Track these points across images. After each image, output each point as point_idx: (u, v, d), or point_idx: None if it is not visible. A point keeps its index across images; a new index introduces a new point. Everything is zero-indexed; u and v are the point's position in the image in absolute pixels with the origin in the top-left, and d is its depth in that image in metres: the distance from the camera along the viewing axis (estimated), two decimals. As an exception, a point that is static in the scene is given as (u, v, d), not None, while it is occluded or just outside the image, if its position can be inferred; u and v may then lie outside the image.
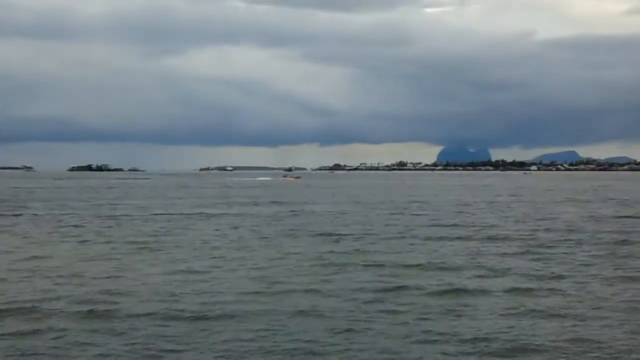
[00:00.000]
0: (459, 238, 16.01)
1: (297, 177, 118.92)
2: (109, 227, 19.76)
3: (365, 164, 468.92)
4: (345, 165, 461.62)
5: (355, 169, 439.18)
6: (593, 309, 8.09)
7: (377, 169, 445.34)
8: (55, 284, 10.10)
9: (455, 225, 20.04)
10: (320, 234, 16.83)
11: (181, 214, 21.01)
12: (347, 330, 7.30)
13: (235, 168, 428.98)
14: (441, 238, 16.41)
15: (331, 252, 13.26)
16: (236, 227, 19.77)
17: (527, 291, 9.29)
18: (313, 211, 25.37)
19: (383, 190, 53.17)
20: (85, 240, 15.88)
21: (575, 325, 7.28)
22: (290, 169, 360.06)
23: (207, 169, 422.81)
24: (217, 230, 18.97)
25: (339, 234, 16.45)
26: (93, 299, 9.17)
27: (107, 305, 8.86)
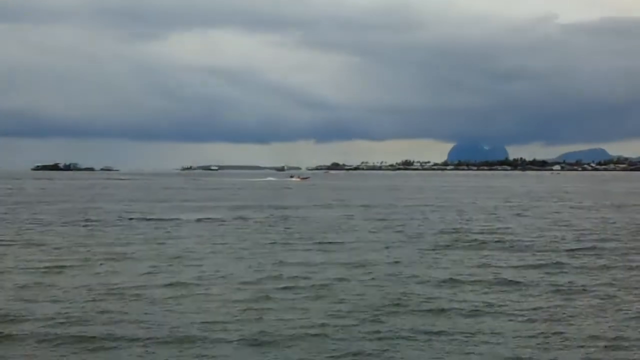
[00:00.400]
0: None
1: (306, 178, 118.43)
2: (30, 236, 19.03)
3: (366, 162, 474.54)
4: (344, 165, 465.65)
5: (356, 168, 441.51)
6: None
7: (379, 168, 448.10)
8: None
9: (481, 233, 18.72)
10: (320, 242, 16.82)
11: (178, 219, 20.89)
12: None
13: (221, 167, 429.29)
14: (459, 247, 16.33)
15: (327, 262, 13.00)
16: (223, 235, 19.39)
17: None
18: (307, 216, 25.77)
19: (386, 192, 53.48)
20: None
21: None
22: (282, 168, 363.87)
23: (190, 168, 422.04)
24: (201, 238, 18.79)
25: (339, 242, 16.60)
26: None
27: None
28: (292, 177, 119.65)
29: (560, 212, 27.06)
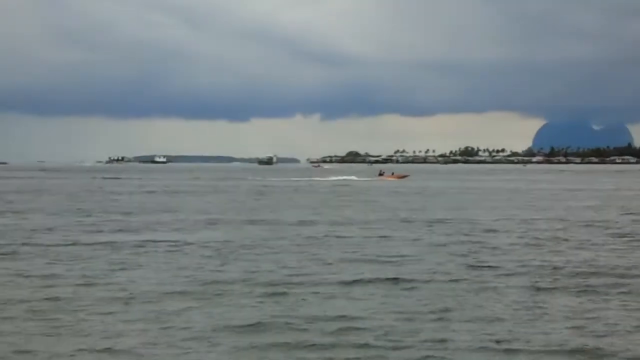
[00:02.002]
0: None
1: (403, 176, 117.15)
2: None
3: (403, 152, 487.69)
4: (367, 155, 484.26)
5: (386, 160, 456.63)
6: None
7: (423, 160, 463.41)
8: None
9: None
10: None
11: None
12: None
13: (170, 158, 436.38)
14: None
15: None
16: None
17: None
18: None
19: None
20: None
21: None
22: (270, 161, 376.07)
23: (121, 159, 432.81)
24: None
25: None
26: None
27: None
28: (381, 174, 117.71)
29: None
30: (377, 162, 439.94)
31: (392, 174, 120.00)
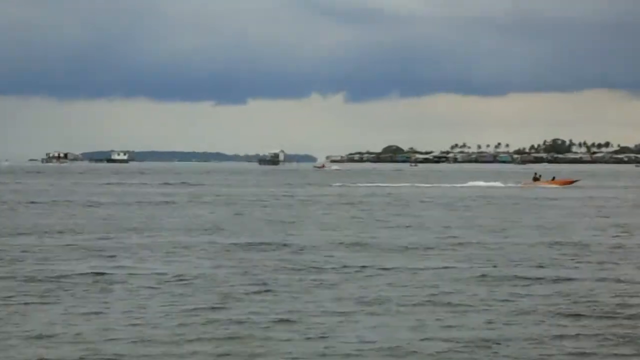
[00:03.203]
0: None
1: (570, 182, 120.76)
2: None
3: (463, 147, 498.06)
4: (412, 151, 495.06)
5: (439, 158, 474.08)
6: None
7: (493, 159, 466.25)
8: None
9: None
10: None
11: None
12: None
13: (132, 156, 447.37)
14: None
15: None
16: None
17: None
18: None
19: None
20: None
21: None
22: (274, 159, 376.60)
23: (62, 157, 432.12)
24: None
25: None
26: None
27: None
28: (536, 178, 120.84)
29: None
30: (425, 160, 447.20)
31: (553, 178, 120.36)
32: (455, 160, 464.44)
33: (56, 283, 26.19)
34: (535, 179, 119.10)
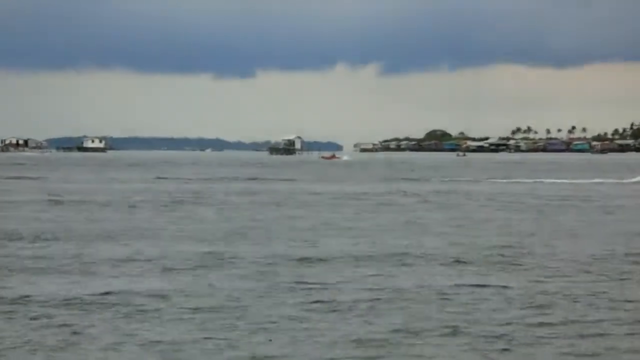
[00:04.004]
0: None
1: None
2: None
3: (528, 132, 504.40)
4: (462, 137, 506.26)
5: (497, 146, 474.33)
6: None
7: (566, 147, 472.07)
8: None
9: None
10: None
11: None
12: None
13: (111, 143, 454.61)
14: None
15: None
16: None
17: None
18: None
19: None
20: None
21: None
22: (289, 147, 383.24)
23: (21, 144, 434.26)
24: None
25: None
26: None
27: None
28: None
29: None
30: (479, 149, 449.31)
31: None
32: (517, 149, 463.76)
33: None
34: None
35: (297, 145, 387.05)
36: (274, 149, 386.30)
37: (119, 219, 55.31)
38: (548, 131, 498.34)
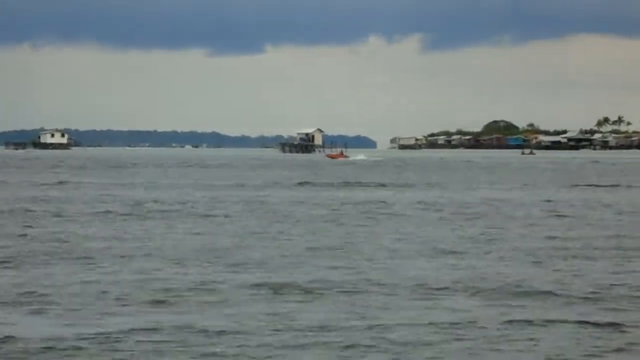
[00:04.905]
0: None
1: None
2: None
3: (618, 123, 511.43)
4: (535, 131, 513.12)
5: (578, 142, 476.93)
6: None
7: None
8: None
9: None
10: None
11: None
12: None
13: (75, 139, 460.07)
14: None
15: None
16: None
17: None
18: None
19: None
20: None
21: None
22: (305, 142, 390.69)
23: None
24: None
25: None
26: None
27: None
28: None
29: None
30: (554, 145, 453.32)
31: None
32: (604, 145, 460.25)
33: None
34: None
35: (318, 141, 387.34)
36: (288, 145, 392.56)
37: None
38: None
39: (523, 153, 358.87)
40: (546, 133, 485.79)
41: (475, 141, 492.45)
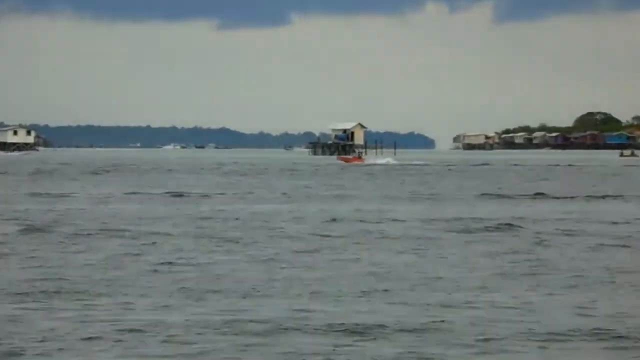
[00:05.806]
0: None
1: None
2: None
3: None
4: (637, 123, 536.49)
5: None
6: None
7: None
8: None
9: None
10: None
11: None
12: None
13: (46, 138, 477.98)
14: None
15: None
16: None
17: None
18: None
19: None
20: None
21: None
22: (343, 143, 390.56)
23: None
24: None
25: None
26: None
27: None
28: None
29: None
30: None
31: None
32: None
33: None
34: None
35: (358, 139, 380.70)
36: (320, 146, 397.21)
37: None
38: None
39: (622, 155, 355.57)
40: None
41: (564, 139, 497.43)
